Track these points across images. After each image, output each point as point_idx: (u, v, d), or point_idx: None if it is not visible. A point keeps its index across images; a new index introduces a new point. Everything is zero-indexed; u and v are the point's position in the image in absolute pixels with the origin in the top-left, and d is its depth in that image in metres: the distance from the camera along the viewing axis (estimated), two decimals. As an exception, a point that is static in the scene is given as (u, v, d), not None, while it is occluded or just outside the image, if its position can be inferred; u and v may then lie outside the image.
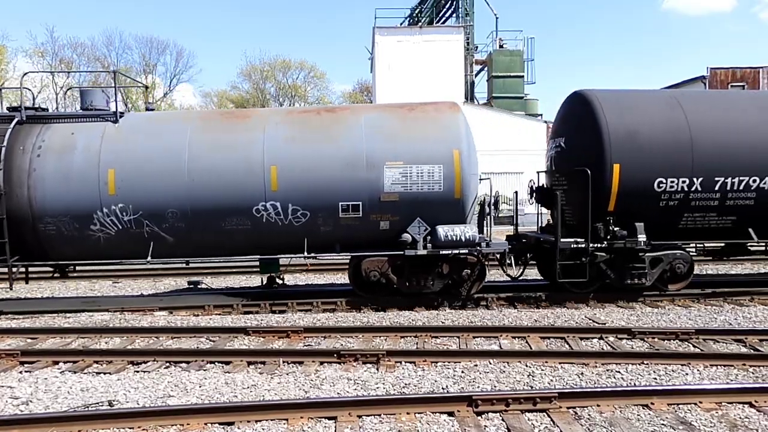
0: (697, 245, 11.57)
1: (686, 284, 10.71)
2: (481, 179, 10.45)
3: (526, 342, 7.95)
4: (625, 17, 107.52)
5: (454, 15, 37.65)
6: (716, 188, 10.01)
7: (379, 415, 5.30)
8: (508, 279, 11.46)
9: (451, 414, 5.34)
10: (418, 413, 5.34)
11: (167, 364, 7.19)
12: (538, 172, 12.30)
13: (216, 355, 7.36)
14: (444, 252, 9.99)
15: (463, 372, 6.62)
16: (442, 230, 9.85)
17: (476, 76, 39.06)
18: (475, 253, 10.19)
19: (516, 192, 12.71)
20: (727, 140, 10.02)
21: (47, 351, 7.63)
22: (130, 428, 5.10)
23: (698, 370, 6.60)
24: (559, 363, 6.85)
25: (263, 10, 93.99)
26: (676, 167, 9.94)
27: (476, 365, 6.82)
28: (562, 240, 10.25)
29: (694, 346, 7.62)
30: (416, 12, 37.96)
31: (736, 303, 10.28)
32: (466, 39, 35.27)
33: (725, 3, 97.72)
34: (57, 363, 7.29)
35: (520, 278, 11.43)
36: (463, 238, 9.88)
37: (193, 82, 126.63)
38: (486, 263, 10.63)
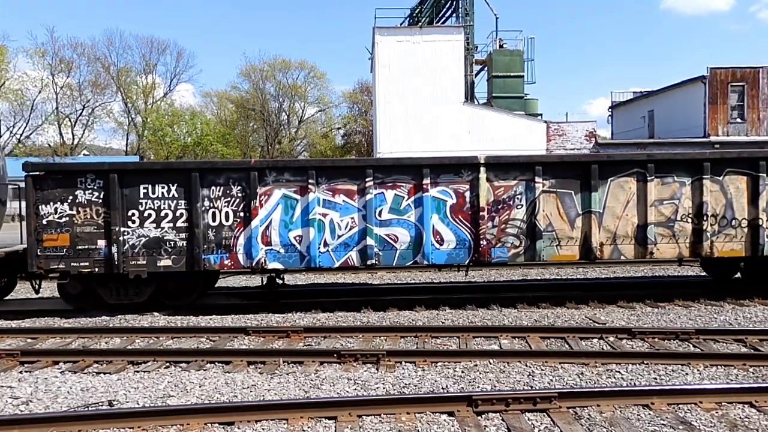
0: None
1: None
2: None
3: (526, 342, 7.95)
4: (624, 17, 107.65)
5: (454, 15, 37.60)
6: None
7: (379, 415, 5.30)
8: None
9: (451, 414, 5.34)
10: (418, 413, 5.34)
11: (167, 364, 7.19)
12: None
13: (216, 355, 7.36)
14: None
15: (463, 372, 6.62)
16: None
17: (476, 76, 39.01)
18: None
19: None
20: None
21: (47, 351, 7.64)
22: (130, 428, 5.10)
23: (698, 370, 6.60)
24: (559, 363, 6.85)
25: (263, 10, 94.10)
26: None
27: (476, 365, 6.82)
28: None
29: (694, 346, 7.62)
30: (416, 12, 37.89)
31: (736, 303, 10.27)
32: (466, 39, 35.21)
33: (723, 2, 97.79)
34: (57, 363, 7.29)
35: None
36: None
37: (193, 82, 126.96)
38: None
